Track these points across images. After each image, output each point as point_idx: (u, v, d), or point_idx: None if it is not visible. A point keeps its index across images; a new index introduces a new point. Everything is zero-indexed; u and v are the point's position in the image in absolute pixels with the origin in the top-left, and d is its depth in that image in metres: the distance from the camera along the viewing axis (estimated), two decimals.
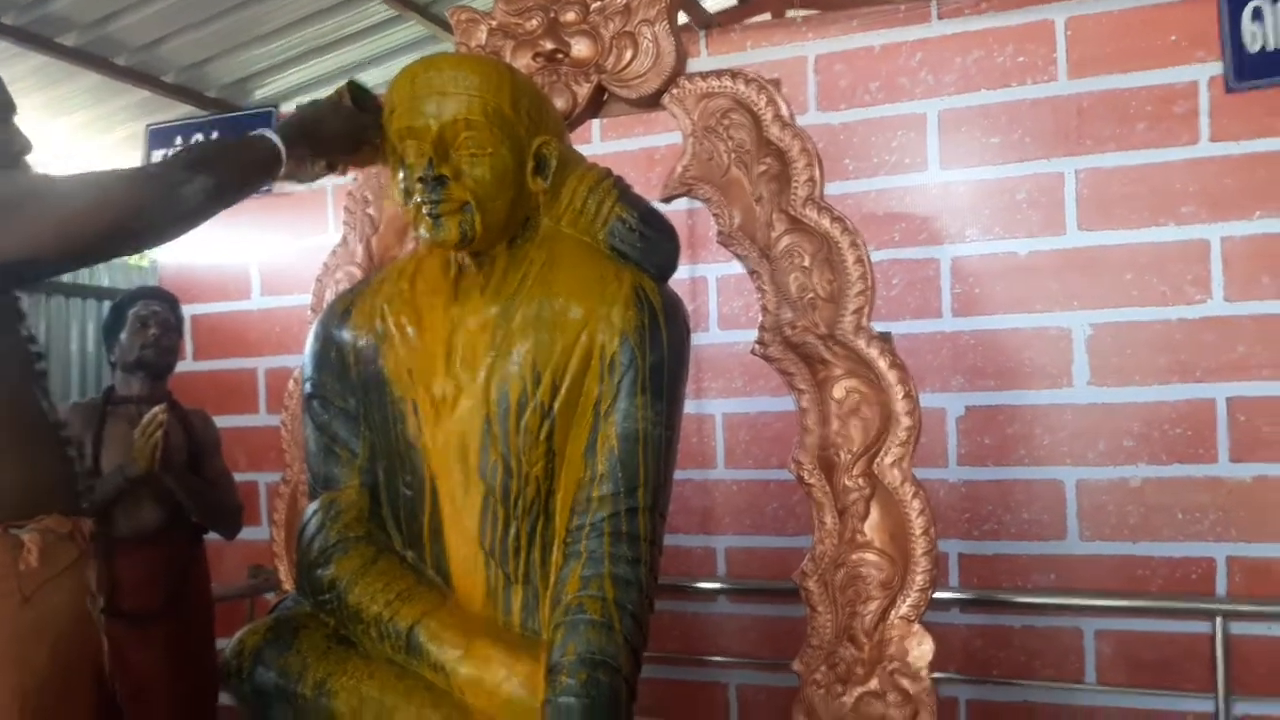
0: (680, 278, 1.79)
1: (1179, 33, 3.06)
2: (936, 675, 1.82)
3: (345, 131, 1.68)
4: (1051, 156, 3.17)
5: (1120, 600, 3.11)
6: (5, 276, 1.56)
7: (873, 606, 1.81)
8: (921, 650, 1.78)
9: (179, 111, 4.37)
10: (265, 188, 1.73)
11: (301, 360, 1.83)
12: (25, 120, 4.06)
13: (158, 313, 3.01)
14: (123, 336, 2.98)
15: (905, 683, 1.78)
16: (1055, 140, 3.17)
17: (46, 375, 1.69)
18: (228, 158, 1.58)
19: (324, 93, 4.51)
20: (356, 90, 1.71)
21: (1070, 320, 3.16)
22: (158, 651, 2.83)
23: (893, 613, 1.80)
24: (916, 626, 1.79)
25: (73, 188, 1.49)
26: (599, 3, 1.95)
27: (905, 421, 1.79)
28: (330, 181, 3.99)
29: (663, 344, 1.61)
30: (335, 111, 1.68)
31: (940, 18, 3.27)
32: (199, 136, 4.28)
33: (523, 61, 1.98)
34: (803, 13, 3.61)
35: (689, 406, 2.94)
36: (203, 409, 3.17)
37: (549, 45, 1.96)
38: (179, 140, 4.31)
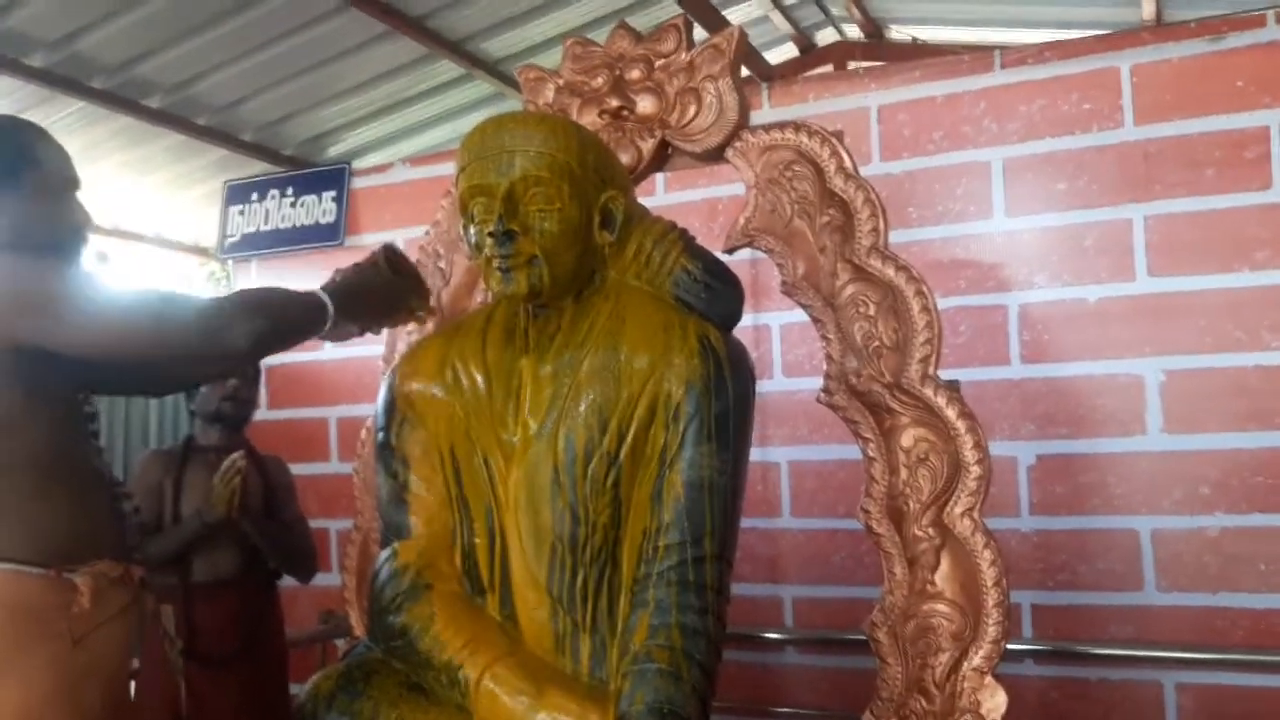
0: (744, 326, 1.80)
1: (1246, 78, 3.03)
2: None
3: (385, 300, 1.79)
4: (1119, 203, 3.14)
5: (1201, 653, 3.02)
6: (62, 369, 1.64)
7: (944, 658, 1.78)
8: (994, 702, 1.75)
9: (256, 168, 4.51)
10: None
11: (372, 409, 1.87)
12: (111, 178, 4.21)
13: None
14: (202, 388, 3.05)
15: None
16: (1123, 186, 3.14)
17: (99, 434, 1.78)
18: (285, 310, 1.68)
19: (394, 150, 4.63)
20: (391, 254, 1.79)
21: (1142, 367, 3.11)
22: (233, 695, 2.87)
23: (965, 664, 1.77)
24: (989, 678, 1.76)
25: (137, 301, 1.60)
26: (663, 60, 1.99)
27: (975, 471, 1.77)
28: (402, 235, 4.09)
29: (728, 393, 1.62)
30: (376, 277, 1.77)
31: (1003, 67, 3.28)
32: (274, 192, 4.41)
33: (589, 118, 2.02)
34: (865, 64, 3.64)
35: (754, 454, 2.93)
36: (278, 456, 3.23)
37: (614, 102, 2.00)
38: (255, 196, 4.44)
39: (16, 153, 1.73)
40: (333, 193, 4.30)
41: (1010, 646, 2.09)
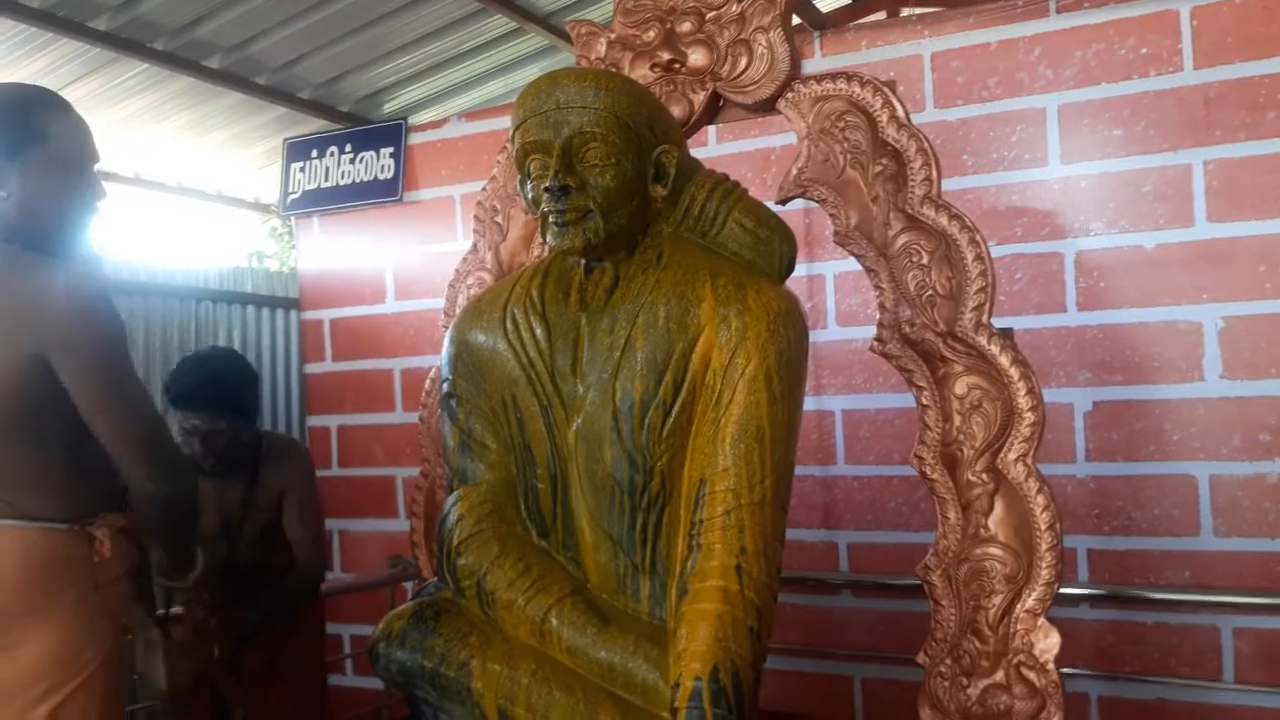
0: (798, 275, 1.82)
1: None
2: (1066, 670, 1.82)
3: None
4: (1178, 148, 3.10)
5: (1258, 598, 3.02)
6: None
7: (997, 600, 1.82)
8: (1048, 643, 1.79)
9: (314, 126, 4.58)
10: None
11: (434, 361, 1.93)
12: (174, 138, 4.26)
13: (198, 426, 2.70)
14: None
15: (1031, 675, 1.79)
16: (1181, 131, 3.09)
17: None
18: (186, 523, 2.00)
19: (449, 105, 4.64)
20: None
21: (1201, 313, 3.08)
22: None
23: (1018, 606, 1.81)
24: (1042, 620, 1.79)
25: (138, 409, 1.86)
26: (714, 12, 2.01)
27: (1028, 417, 1.80)
28: (459, 190, 4.15)
29: (779, 344, 1.65)
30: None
31: (1059, 12, 3.23)
32: (333, 149, 4.49)
33: (641, 72, 2.05)
34: (918, 10, 3.60)
35: (809, 403, 2.95)
36: (293, 445, 3.12)
37: (666, 55, 2.03)
38: (314, 153, 4.52)
39: (21, 126, 1.72)
40: (390, 149, 4.35)
41: (1066, 590, 2.11)
